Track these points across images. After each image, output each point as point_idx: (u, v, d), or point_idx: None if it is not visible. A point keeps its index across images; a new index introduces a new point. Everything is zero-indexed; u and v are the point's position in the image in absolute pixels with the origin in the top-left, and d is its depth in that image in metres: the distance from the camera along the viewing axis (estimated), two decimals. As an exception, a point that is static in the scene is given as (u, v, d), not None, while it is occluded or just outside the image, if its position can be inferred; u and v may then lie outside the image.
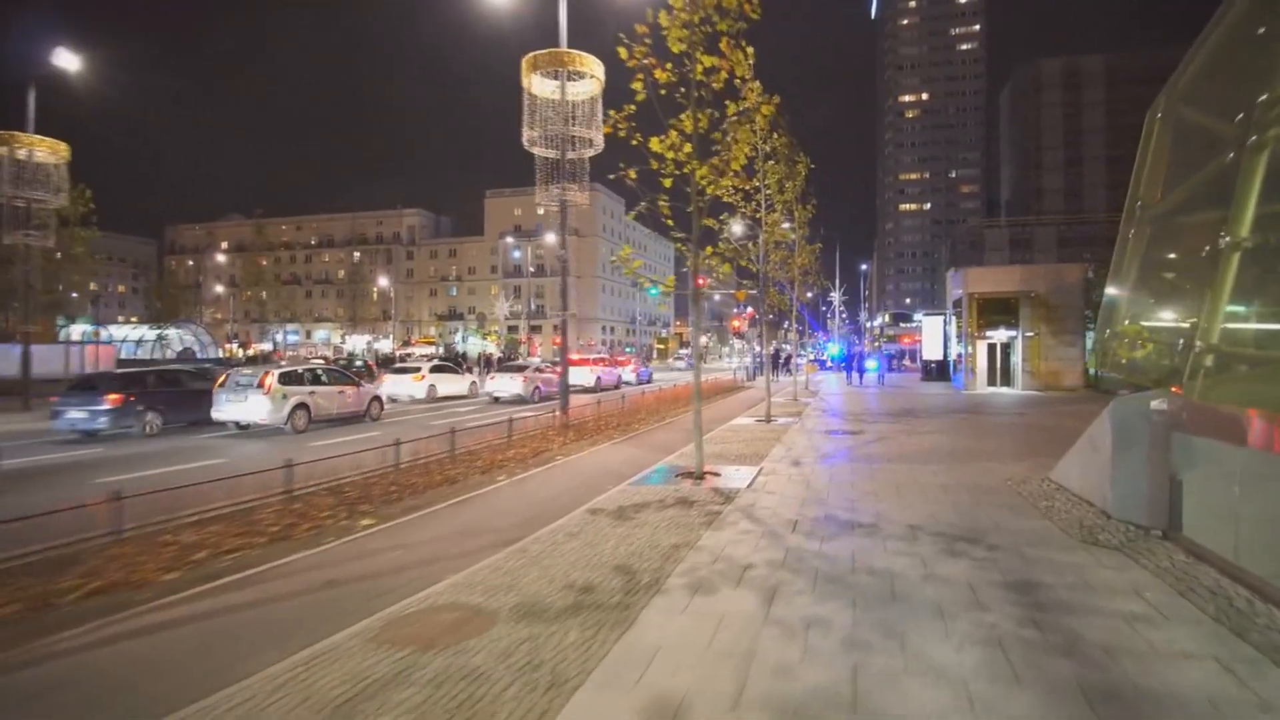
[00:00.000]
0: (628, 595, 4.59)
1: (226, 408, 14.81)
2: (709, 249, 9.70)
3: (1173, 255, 5.67)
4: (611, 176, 8.74)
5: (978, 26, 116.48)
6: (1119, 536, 5.56)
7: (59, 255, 26.74)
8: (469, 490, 8.78)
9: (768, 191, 15.67)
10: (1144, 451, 5.55)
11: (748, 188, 15.61)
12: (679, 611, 4.32)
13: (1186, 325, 4.95)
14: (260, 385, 14.66)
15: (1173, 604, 4.27)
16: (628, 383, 33.35)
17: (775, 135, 15.39)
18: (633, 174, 8.70)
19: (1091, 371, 27.50)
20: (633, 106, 8.76)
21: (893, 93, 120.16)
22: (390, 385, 22.97)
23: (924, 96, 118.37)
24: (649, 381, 35.45)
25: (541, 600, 4.53)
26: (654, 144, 8.68)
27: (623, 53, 8.45)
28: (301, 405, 15.22)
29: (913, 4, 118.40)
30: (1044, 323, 25.47)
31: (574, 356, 31.24)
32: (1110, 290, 6.30)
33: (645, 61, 8.44)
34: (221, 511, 7.33)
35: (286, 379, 15.23)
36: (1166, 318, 5.74)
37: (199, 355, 56.14)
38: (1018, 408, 18.97)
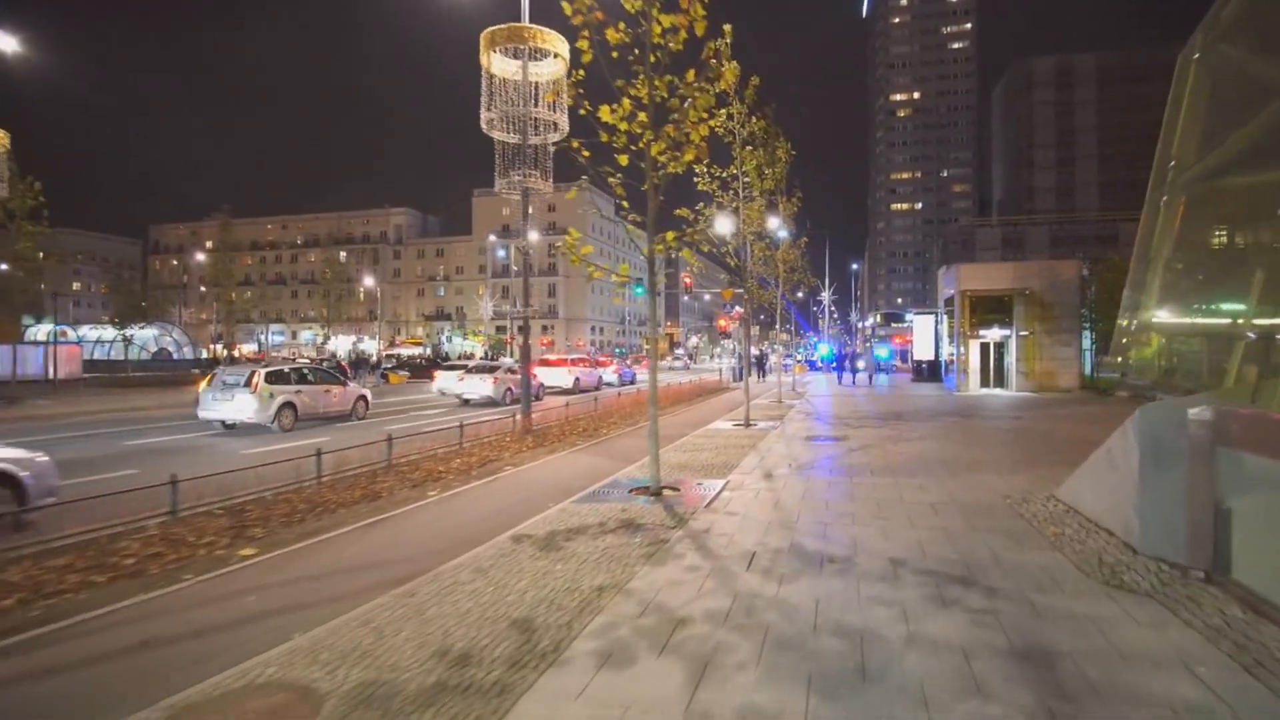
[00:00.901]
0: (512, 669, 3.46)
1: (213, 407, 14.83)
2: (670, 234, 8.59)
3: (1220, 224, 4.61)
4: (553, 146, 7.64)
5: (969, 25, 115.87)
6: (1149, 578, 4.46)
7: (42, 255, 25.27)
8: (390, 509, 7.62)
9: (746, 179, 14.57)
10: (1181, 472, 4.46)
11: (724, 175, 14.57)
12: (572, 697, 3.18)
13: (1250, 312, 3.86)
14: (248, 384, 14.63)
15: (1239, 686, 3.17)
16: (609, 384, 32.19)
17: (754, 119, 14.33)
18: (577, 145, 7.61)
19: (1087, 372, 26.55)
20: (581, 72, 7.68)
21: (884, 91, 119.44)
22: (441, 381, 24.43)
23: (915, 95, 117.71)
24: (632, 383, 34.29)
25: (395, 678, 3.39)
26: (604, 113, 7.58)
27: (566, 8, 7.35)
28: (288, 404, 15.13)
29: (904, 2, 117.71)
30: (1039, 321, 24.46)
31: (551, 357, 30.05)
32: (1135, 273, 5.23)
33: (592, 16, 7.34)
34: (82, 537, 6.19)
35: (273, 378, 15.10)
36: (1215, 302, 4.66)
37: (175, 356, 54.71)
38: (1012, 410, 17.93)
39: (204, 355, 60.73)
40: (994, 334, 25.44)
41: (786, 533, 5.96)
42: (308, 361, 28.37)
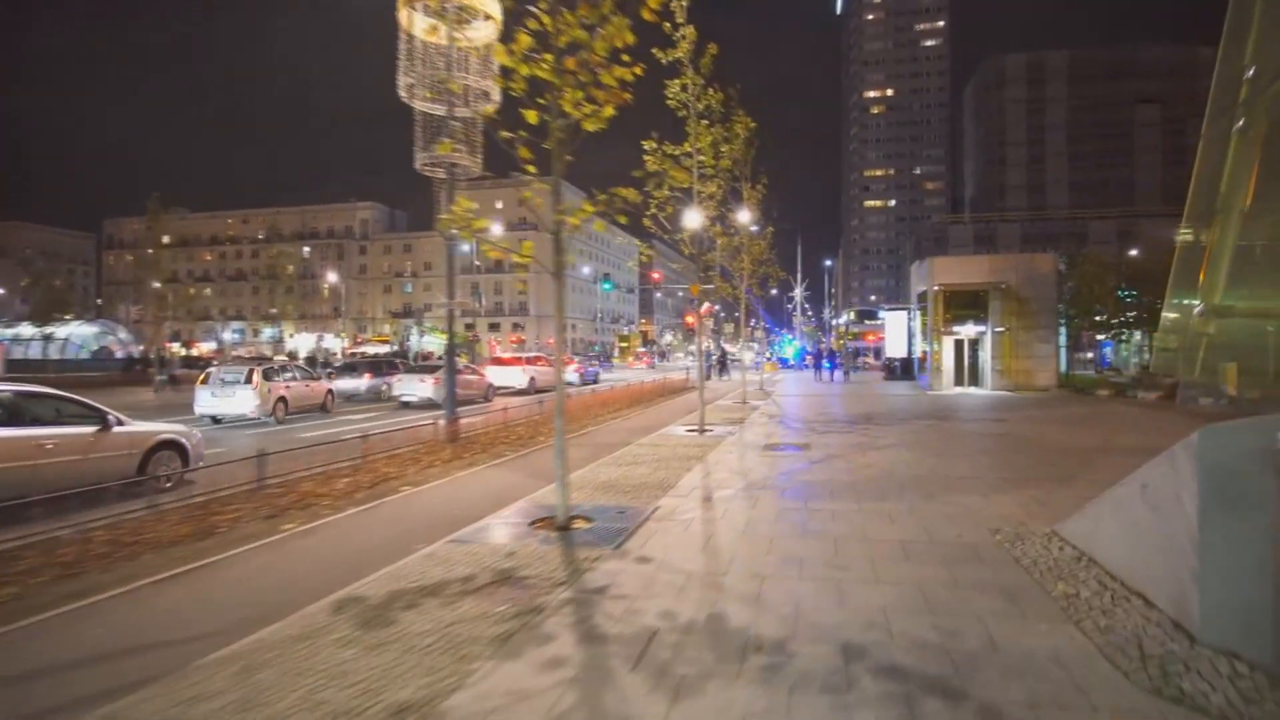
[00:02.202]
0: None
1: (210, 403, 16.09)
2: (586, 204, 7.03)
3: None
4: (413, 97, 6.00)
5: (942, 23, 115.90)
6: (1223, 687, 2.98)
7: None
8: (215, 551, 5.93)
9: (700, 158, 13.04)
10: (1266, 524, 3.00)
11: (677, 152, 13.05)
12: None
13: None
14: (248, 381, 16.10)
15: None
16: (570, 383, 30.54)
17: (710, 91, 12.84)
18: (457, 89, 6.01)
19: (1063, 370, 25.53)
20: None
21: (858, 88, 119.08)
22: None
23: (889, 92, 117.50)
24: (595, 382, 32.68)
25: None
26: (498, 54, 6.02)
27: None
28: (281, 399, 16.74)
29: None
30: (1015, 317, 23.33)
31: (504, 355, 28.31)
32: (1190, 232, 3.74)
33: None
34: None
35: (267, 375, 16.65)
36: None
37: (119, 355, 51.89)
38: (991, 412, 16.65)
39: (159, 354, 57.71)
40: (969, 330, 24.28)
41: (708, 594, 4.41)
42: (284, 360, 28.41)
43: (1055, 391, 22.48)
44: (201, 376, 17.14)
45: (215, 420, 16.16)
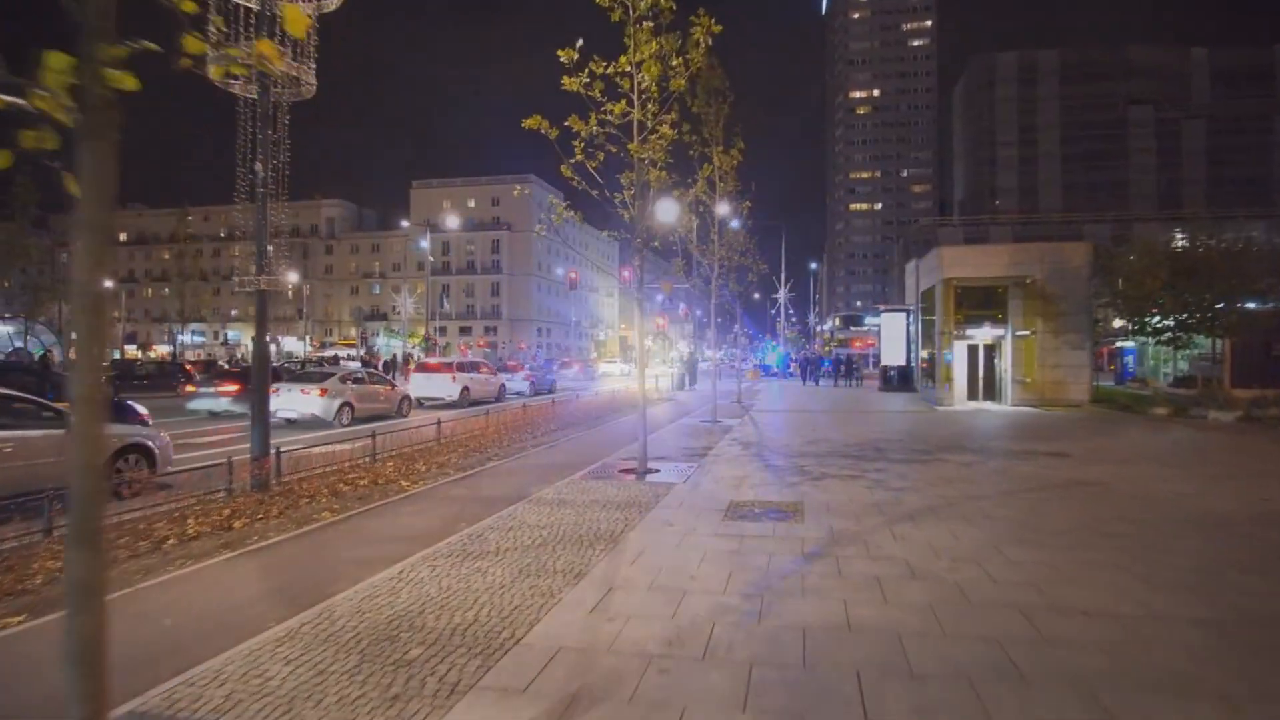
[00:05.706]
0: None
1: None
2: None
3: None
4: None
5: (929, 22, 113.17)
6: None
7: None
8: None
9: (639, 75, 8.89)
10: None
11: (610, 71, 8.93)
12: None
13: None
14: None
15: None
16: (518, 393, 26.24)
17: (655, -14, 8.77)
18: None
19: (1096, 383, 21.63)
20: None
21: (843, 88, 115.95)
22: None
23: (875, 93, 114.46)
24: (550, 391, 28.34)
25: None
26: None
27: None
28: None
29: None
30: (1041, 318, 19.42)
31: (431, 360, 24.05)
32: None
33: None
34: None
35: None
36: None
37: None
38: (1034, 440, 12.61)
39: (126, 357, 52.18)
40: (984, 334, 20.33)
41: None
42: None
43: (1090, 408, 18.57)
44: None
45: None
